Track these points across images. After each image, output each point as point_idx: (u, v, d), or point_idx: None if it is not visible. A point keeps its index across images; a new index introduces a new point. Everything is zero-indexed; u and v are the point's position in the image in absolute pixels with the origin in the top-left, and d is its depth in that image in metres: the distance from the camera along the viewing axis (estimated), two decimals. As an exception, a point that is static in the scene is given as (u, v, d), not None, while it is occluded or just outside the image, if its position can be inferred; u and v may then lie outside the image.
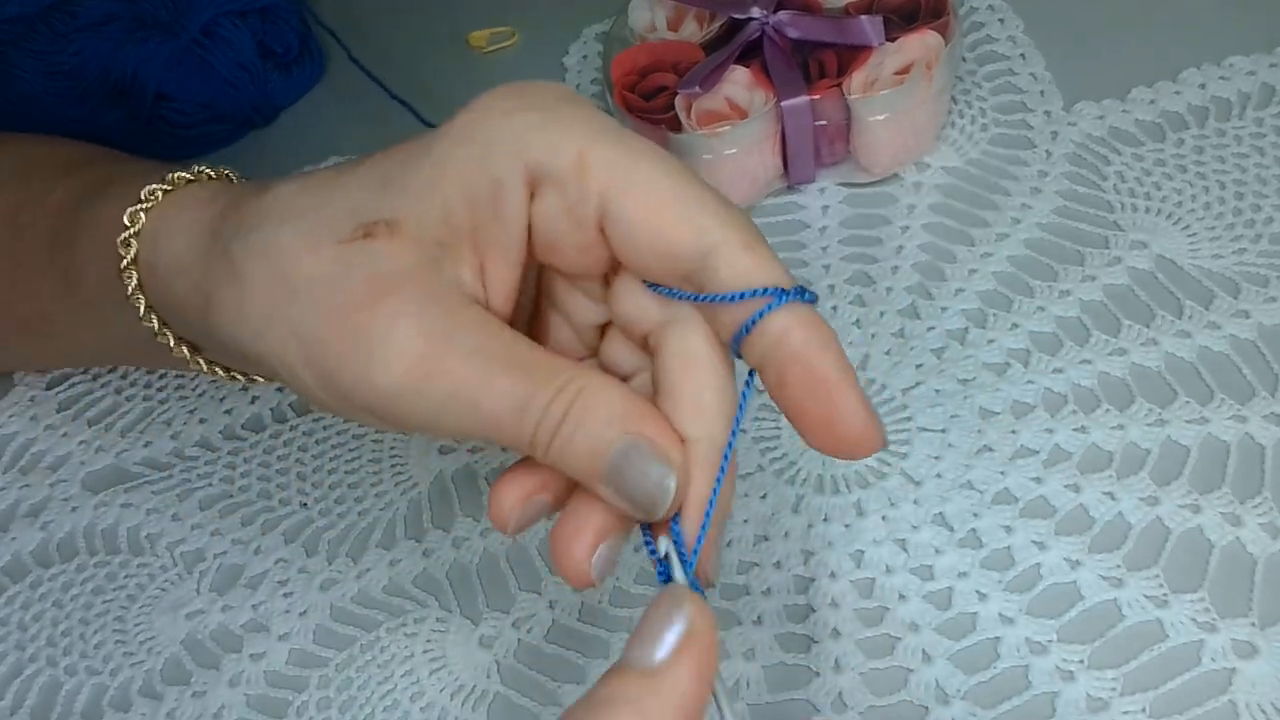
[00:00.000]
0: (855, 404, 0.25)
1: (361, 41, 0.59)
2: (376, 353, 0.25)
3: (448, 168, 0.26)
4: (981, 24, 0.53)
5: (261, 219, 0.27)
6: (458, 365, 0.25)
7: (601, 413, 0.25)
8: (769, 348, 0.25)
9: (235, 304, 0.27)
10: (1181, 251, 0.43)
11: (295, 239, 0.26)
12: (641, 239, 0.25)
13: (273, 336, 0.26)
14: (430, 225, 0.26)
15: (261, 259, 0.26)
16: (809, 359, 0.25)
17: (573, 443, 0.25)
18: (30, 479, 0.45)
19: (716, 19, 0.48)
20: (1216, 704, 0.32)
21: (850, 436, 0.25)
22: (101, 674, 0.39)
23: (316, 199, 0.27)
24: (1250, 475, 0.36)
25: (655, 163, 0.25)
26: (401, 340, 0.25)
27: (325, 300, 0.25)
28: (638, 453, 0.25)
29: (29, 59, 0.53)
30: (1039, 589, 0.35)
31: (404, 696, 0.36)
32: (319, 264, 0.26)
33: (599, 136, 0.25)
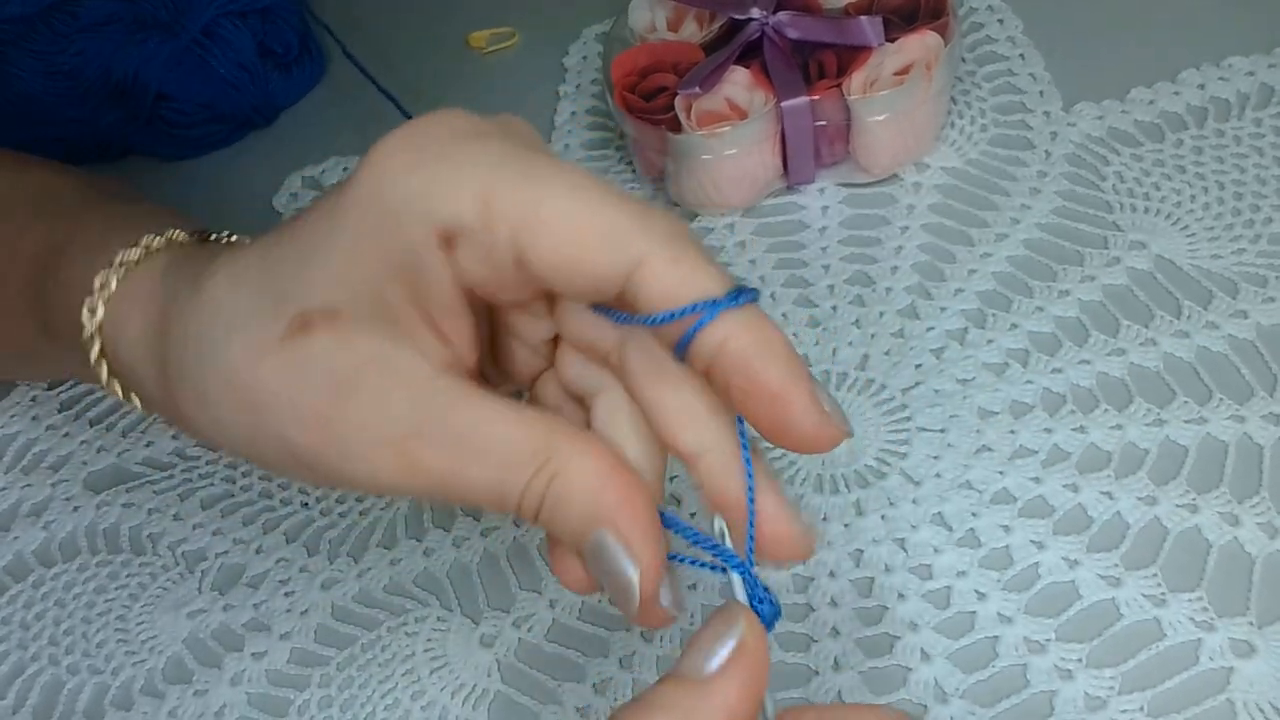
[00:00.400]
0: (804, 407, 0.24)
1: (361, 42, 0.59)
2: (352, 457, 0.25)
3: (363, 247, 0.24)
4: (981, 24, 0.53)
5: (204, 330, 0.26)
6: (432, 460, 0.25)
7: (575, 504, 0.24)
8: (709, 361, 0.24)
9: (210, 423, 0.27)
10: (1180, 252, 0.43)
11: (243, 352, 0.25)
12: (563, 272, 0.24)
13: (256, 447, 0.26)
14: (369, 307, 0.25)
15: (219, 378, 0.26)
16: (750, 369, 0.24)
17: (554, 527, 0.25)
18: (32, 479, 0.45)
19: (716, 19, 0.48)
20: (1214, 703, 0.32)
21: (805, 439, 0.24)
22: (104, 673, 0.39)
23: (248, 296, 0.26)
24: (1248, 475, 0.36)
25: (564, 189, 0.24)
26: (373, 442, 0.25)
27: (293, 410, 0.25)
28: (606, 552, 0.24)
29: (29, 59, 0.53)
30: (1037, 588, 0.35)
31: (405, 695, 0.36)
32: (274, 374, 0.25)
33: (499, 174, 0.24)
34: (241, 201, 0.54)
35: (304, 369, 0.25)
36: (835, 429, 0.24)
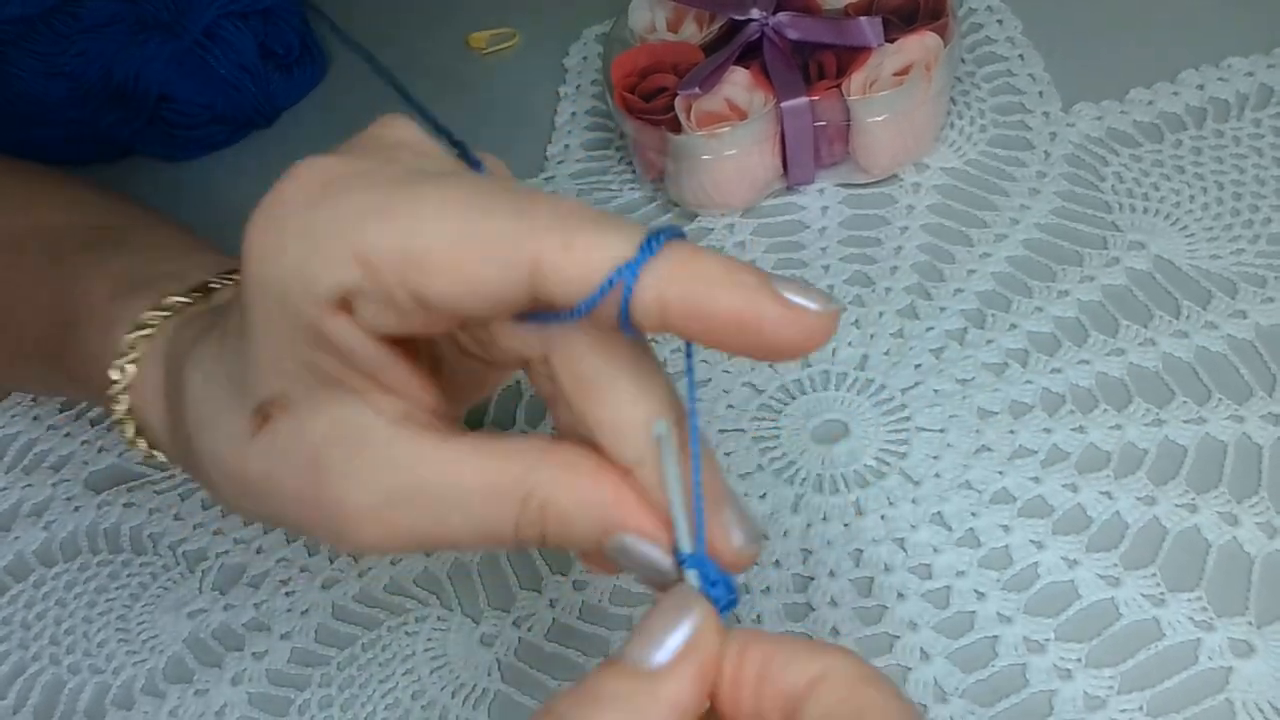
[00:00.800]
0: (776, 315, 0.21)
1: (361, 43, 0.59)
2: (343, 531, 0.25)
3: (274, 332, 0.24)
4: (980, 25, 0.53)
5: (194, 425, 0.28)
6: (410, 522, 0.25)
7: (578, 523, 0.24)
8: (658, 321, 0.22)
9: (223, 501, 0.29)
10: (1179, 252, 0.43)
11: (226, 447, 0.26)
12: (462, 303, 0.23)
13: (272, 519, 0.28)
14: (308, 385, 0.25)
15: (216, 467, 0.27)
16: (700, 310, 0.21)
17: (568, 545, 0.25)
18: (33, 478, 0.45)
19: (716, 20, 0.48)
20: (1213, 702, 0.32)
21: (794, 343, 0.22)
22: (104, 672, 0.39)
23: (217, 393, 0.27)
24: (1247, 475, 0.37)
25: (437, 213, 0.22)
26: (354, 516, 0.25)
27: (281, 493, 0.26)
28: (628, 550, 0.24)
29: (30, 59, 0.53)
30: (1037, 588, 0.35)
31: (405, 695, 0.36)
32: (254, 464, 0.26)
33: (368, 225, 0.23)
34: (242, 202, 0.54)
35: (278, 455, 0.25)
36: (819, 316, 0.22)
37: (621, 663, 0.22)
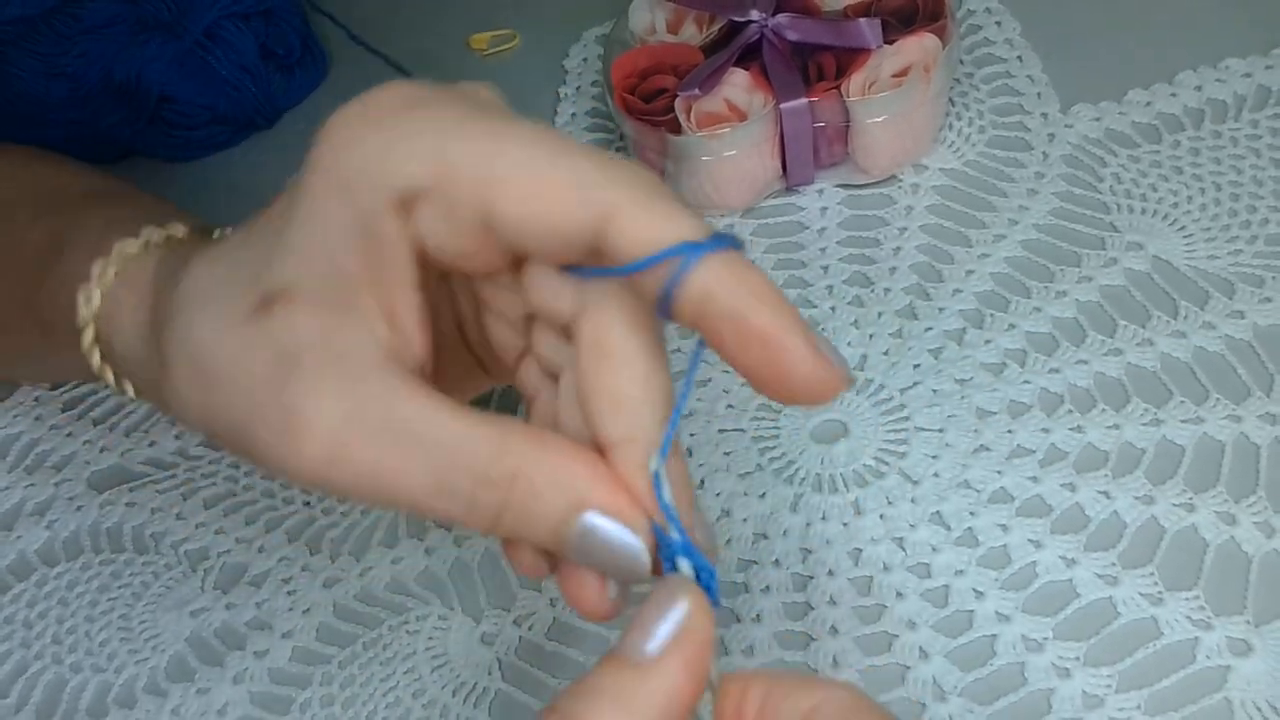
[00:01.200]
0: (800, 352, 0.22)
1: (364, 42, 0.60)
2: (286, 439, 0.24)
3: (319, 220, 0.24)
4: (979, 27, 0.53)
5: (180, 307, 0.26)
6: (365, 449, 0.23)
7: (550, 497, 0.23)
8: (696, 310, 0.22)
9: (173, 395, 0.26)
10: (1177, 253, 0.43)
11: (206, 327, 0.25)
12: (529, 229, 0.23)
13: (210, 424, 0.26)
14: (324, 285, 0.24)
15: (182, 352, 0.26)
16: (740, 314, 0.22)
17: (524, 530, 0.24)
18: (35, 478, 0.45)
19: (716, 21, 0.48)
20: (1211, 701, 0.32)
21: (804, 386, 0.22)
22: (106, 671, 0.39)
23: (222, 276, 0.26)
24: (1245, 474, 0.37)
25: (524, 143, 0.23)
26: (304, 425, 0.24)
27: (237, 386, 0.25)
28: (594, 533, 0.23)
29: (31, 60, 0.53)
30: (1035, 587, 0.35)
31: (406, 693, 0.37)
32: (228, 350, 0.25)
33: (455, 134, 0.23)
34: (243, 203, 0.54)
35: (256, 346, 0.24)
36: (834, 374, 0.22)
37: (617, 655, 0.22)
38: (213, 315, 0.25)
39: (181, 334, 0.26)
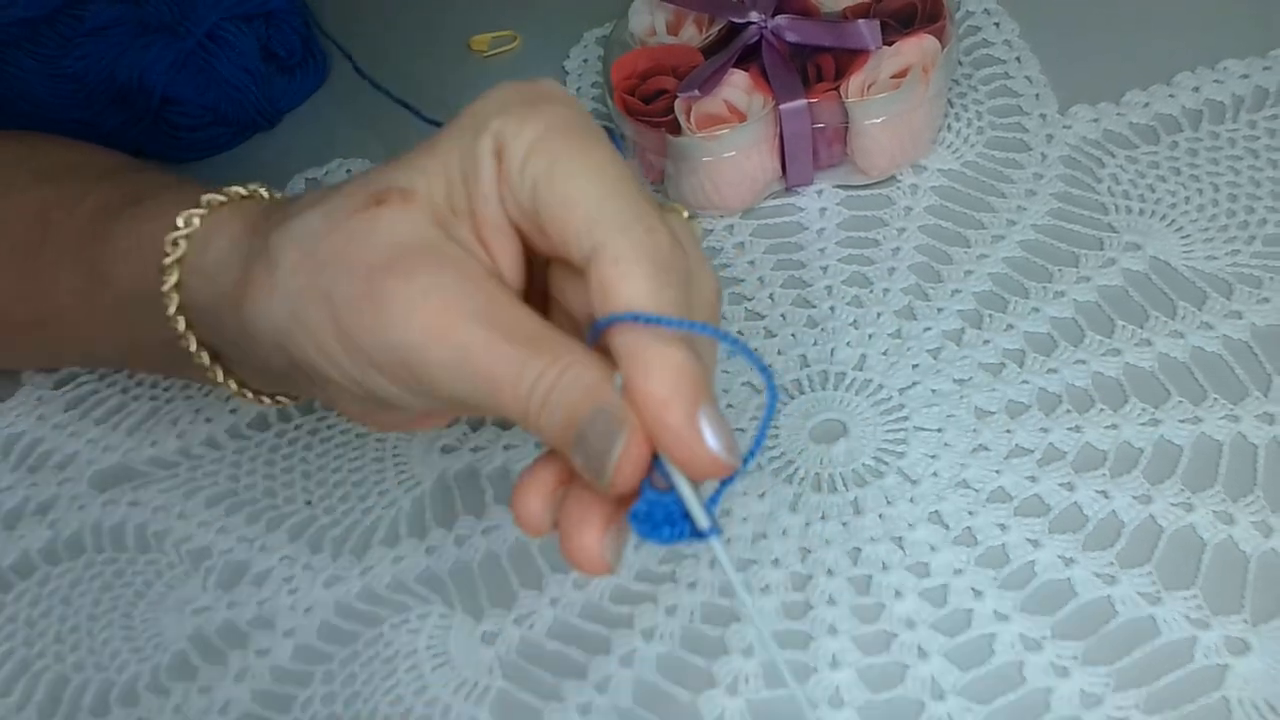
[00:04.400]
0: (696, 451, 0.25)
1: (363, 46, 0.60)
2: (394, 310, 0.26)
3: (444, 147, 0.28)
4: (978, 28, 0.53)
5: (293, 213, 0.29)
6: (467, 326, 0.26)
7: (580, 385, 0.26)
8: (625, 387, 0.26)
9: (269, 284, 0.29)
10: (1175, 253, 0.43)
11: (320, 220, 0.28)
12: (550, 230, 0.27)
13: (303, 305, 0.28)
14: (438, 199, 0.28)
15: (292, 243, 0.28)
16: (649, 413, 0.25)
17: (555, 412, 0.26)
18: (38, 477, 0.45)
19: (715, 23, 0.49)
20: (1209, 700, 0.32)
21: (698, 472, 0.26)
22: (108, 670, 0.39)
23: (338, 189, 0.29)
24: (1242, 474, 0.37)
25: (589, 162, 0.26)
26: (416, 299, 0.26)
27: (349, 265, 0.27)
28: (600, 418, 0.25)
29: (34, 62, 0.53)
30: (1033, 586, 0.35)
31: (407, 692, 0.37)
32: (341, 235, 0.27)
33: (557, 130, 0.27)
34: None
35: (369, 233, 0.27)
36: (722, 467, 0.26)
37: None
38: (326, 211, 0.28)
39: (295, 229, 0.28)
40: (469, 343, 0.26)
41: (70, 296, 0.37)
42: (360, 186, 0.28)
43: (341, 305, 0.27)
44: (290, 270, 0.28)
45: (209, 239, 0.32)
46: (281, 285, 0.28)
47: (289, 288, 0.28)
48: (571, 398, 0.26)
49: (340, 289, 0.27)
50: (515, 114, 0.27)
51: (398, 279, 0.27)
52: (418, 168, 0.28)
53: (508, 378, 0.26)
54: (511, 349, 0.26)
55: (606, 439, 0.25)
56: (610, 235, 0.26)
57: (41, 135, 0.44)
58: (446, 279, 0.27)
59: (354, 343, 0.27)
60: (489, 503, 0.41)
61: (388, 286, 0.27)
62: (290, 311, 0.28)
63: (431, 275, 0.27)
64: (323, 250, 0.28)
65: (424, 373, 0.27)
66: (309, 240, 0.28)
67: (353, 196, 0.28)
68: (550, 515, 0.28)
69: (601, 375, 0.26)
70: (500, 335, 0.26)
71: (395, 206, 0.27)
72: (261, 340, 0.30)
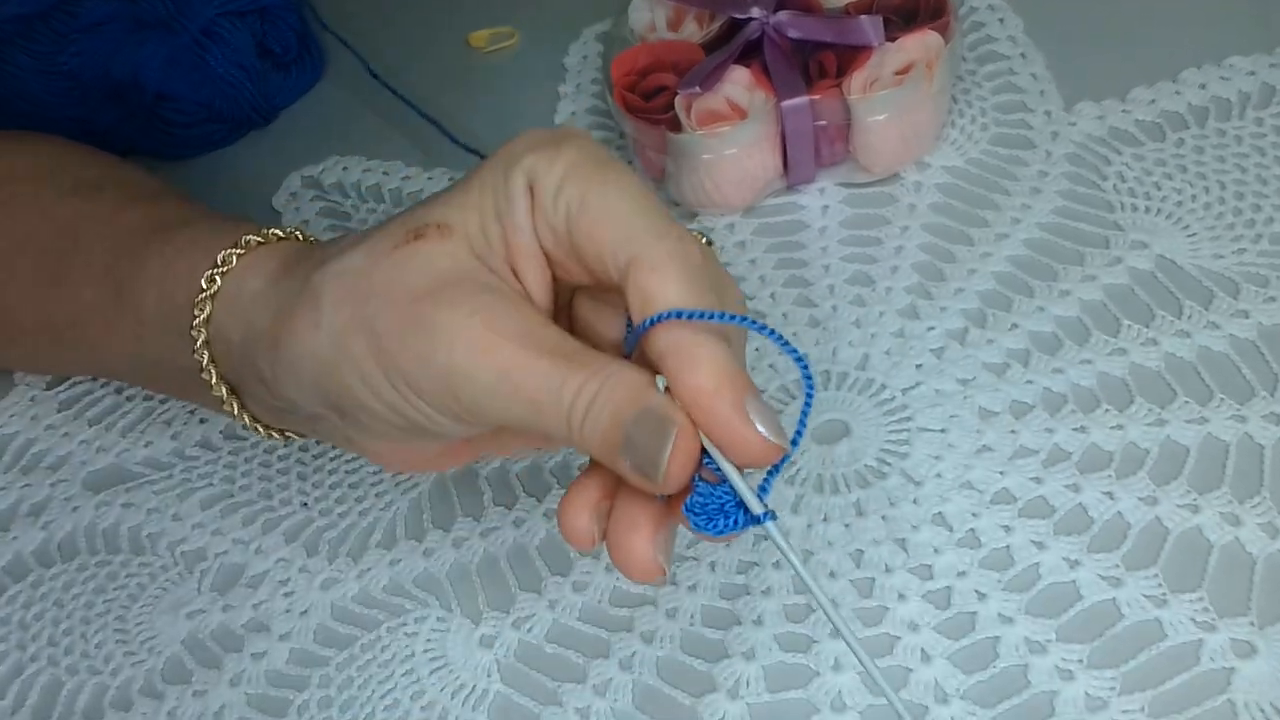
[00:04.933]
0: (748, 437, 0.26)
1: (361, 42, 0.59)
2: (437, 335, 0.28)
3: (477, 184, 0.29)
4: (981, 24, 0.53)
5: (332, 254, 0.30)
6: (507, 348, 0.27)
7: (622, 389, 0.27)
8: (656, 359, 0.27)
9: (312, 320, 0.30)
10: (1181, 251, 0.43)
11: (362, 258, 0.29)
12: (586, 250, 0.28)
13: (345, 339, 0.29)
14: (474, 232, 0.29)
15: (335, 280, 0.30)
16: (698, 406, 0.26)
17: (599, 421, 0.27)
18: (31, 479, 0.45)
19: (716, 19, 0.48)
20: (1215, 703, 0.32)
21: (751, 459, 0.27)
22: (102, 673, 0.39)
23: (378, 229, 0.30)
24: (1249, 475, 0.36)
25: (618, 185, 0.28)
26: (458, 323, 0.27)
27: (391, 297, 0.28)
28: (646, 418, 0.26)
29: (28, 58, 0.53)
30: (1038, 588, 0.35)
31: (404, 695, 0.36)
32: (382, 270, 0.29)
33: (585, 161, 0.28)
34: (240, 202, 0.54)
35: (409, 266, 0.29)
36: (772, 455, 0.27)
37: None
38: (366, 249, 0.29)
39: (337, 268, 0.30)
40: (511, 363, 0.27)
41: (92, 311, 0.38)
42: (399, 224, 0.29)
43: (386, 334, 0.28)
44: (333, 305, 0.29)
45: (244, 277, 0.33)
46: (326, 321, 0.29)
47: (333, 323, 0.29)
48: (615, 403, 0.27)
49: (384, 319, 0.28)
50: (545, 151, 0.29)
51: (439, 306, 0.28)
52: (454, 204, 0.29)
53: (550, 393, 0.27)
54: (552, 365, 0.27)
55: (657, 437, 0.26)
56: (646, 246, 0.27)
57: (79, 147, 0.45)
58: (486, 304, 0.28)
59: (399, 370, 0.28)
60: (487, 505, 0.41)
61: (429, 313, 0.28)
62: (335, 344, 0.29)
63: (471, 301, 0.28)
64: (365, 285, 0.29)
65: (468, 395, 0.28)
66: (351, 276, 0.29)
67: (391, 234, 0.29)
68: (598, 527, 0.29)
69: (642, 379, 0.27)
70: (540, 353, 0.27)
71: (433, 240, 0.29)
72: (300, 377, 0.31)
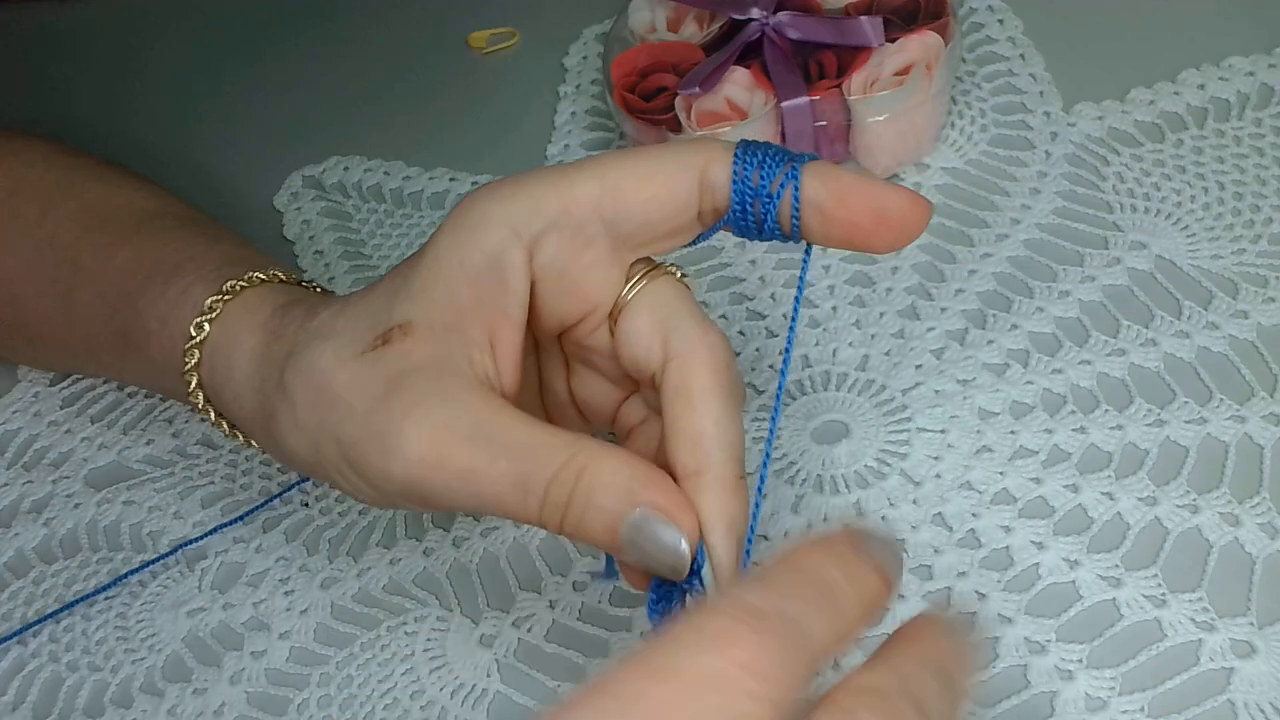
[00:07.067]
0: (903, 198, 0.28)
1: (361, 41, 0.59)
2: (390, 445, 0.28)
3: (444, 258, 0.29)
4: (981, 25, 0.53)
5: (305, 344, 0.30)
6: (460, 451, 0.27)
7: (608, 490, 0.26)
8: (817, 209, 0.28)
9: (290, 420, 0.30)
10: (1180, 252, 0.43)
11: (329, 358, 0.29)
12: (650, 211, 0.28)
13: (319, 443, 0.30)
14: (438, 315, 0.29)
15: (305, 379, 0.30)
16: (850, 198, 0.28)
17: (585, 521, 0.26)
18: (33, 475, 0.45)
19: (716, 20, 0.48)
20: (1215, 703, 0.32)
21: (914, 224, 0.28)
22: (103, 670, 0.39)
23: (346, 319, 0.30)
24: (1249, 475, 0.36)
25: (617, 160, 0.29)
26: (410, 432, 0.27)
27: (353, 405, 0.29)
28: (648, 523, 0.26)
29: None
30: (1038, 589, 0.35)
31: (404, 695, 0.36)
32: (347, 376, 0.29)
33: (566, 174, 0.29)
34: (241, 201, 0.54)
35: (368, 374, 0.29)
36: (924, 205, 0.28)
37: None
38: (334, 349, 0.30)
39: (306, 365, 0.30)
40: (465, 468, 0.27)
41: (102, 344, 0.39)
42: (367, 324, 0.29)
43: (349, 446, 0.29)
44: (304, 408, 0.30)
45: (221, 353, 0.33)
46: (301, 424, 0.30)
47: (307, 427, 0.30)
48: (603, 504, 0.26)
49: (346, 431, 0.29)
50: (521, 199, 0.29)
51: (392, 417, 0.28)
52: (417, 291, 0.29)
53: (510, 492, 0.27)
54: (507, 464, 0.27)
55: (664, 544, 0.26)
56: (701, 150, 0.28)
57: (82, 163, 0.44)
58: (437, 405, 0.28)
59: (368, 476, 0.29)
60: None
61: (384, 425, 0.28)
62: (312, 447, 0.30)
63: (424, 405, 0.28)
64: (330, 392, 0.29)
65: (434, 498, 0.28)
66: (318, 377, 0.29)
67: (359, 337, 0.29)
68: None
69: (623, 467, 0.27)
70: (496, 450, 0.27)
71: (395, 345, 0.29)
72: (292, 462, 0.32)
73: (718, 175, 0.28)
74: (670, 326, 0.29)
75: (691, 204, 0.29)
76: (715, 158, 0.28)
